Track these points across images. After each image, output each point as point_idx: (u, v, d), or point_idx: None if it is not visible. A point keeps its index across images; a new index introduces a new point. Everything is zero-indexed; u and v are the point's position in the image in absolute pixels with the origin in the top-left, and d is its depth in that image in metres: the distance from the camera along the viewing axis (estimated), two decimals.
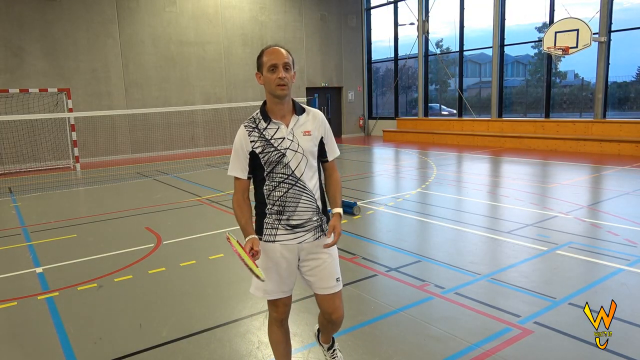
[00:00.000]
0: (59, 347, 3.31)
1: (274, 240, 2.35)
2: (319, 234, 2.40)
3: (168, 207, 7.78)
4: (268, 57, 2.27)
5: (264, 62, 2.28)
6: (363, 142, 18.33)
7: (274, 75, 2.24)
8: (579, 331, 3.20)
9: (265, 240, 2.36)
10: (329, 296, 2.44)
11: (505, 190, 8.34)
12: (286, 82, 2.25)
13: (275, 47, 2.29)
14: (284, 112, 2.35)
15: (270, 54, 2.27)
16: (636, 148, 11.93)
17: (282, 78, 2.23)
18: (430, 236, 5.86)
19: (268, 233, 2.36)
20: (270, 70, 2.25)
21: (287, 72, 2.26)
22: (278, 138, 2.31)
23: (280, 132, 2.32)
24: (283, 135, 2.32)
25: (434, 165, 11.34)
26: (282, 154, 2.30)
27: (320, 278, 2.41)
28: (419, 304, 3.79)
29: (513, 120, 15.58)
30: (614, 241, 5.17)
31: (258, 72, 2.34)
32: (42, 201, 8.83)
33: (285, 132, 2.32)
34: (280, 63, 2.24)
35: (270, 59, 2.25)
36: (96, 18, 14.64)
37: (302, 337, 3.31)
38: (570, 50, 13.00)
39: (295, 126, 2.35)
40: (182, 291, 4.28)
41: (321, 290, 2.43)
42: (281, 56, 2.26)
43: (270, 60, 2.25)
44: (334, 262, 2.45)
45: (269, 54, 2.27)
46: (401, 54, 19.95)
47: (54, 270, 4.91)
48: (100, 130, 14.61)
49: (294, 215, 2.33)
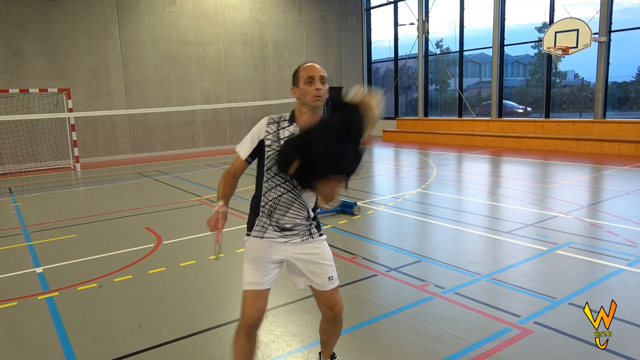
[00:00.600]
0: (59, 347, 3.31)
1: (262, 237, 2.45)
2: (307, 237, 2.48)
3: (168, 207, 7.78)
4: (305, 71, 2.39)
5: (300, 75, 2.40)
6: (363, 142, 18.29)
7: (311, 87, 2.35)
8: (579, 331, 3.20)
9: (254, 235, 2.46)
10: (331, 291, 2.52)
11: (505, 190, 8.34)
12: (322, 94, 2.36)
13: (312, 64, 2.43)
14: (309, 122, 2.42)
15: (307, 69, 2.39)
16: (636, 148, 11.92)
17: (319, 89, 2.35)
18: (430, 236, 5.86)
19: (258, 230, 2.46)
20: (307, 82, 2.35)
21: (323, 85, 2.38)
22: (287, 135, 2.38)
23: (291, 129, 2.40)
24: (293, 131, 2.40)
25: (434, 165, 11.34)
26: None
27: (316, 274, 2.49)
28: (419, 304, 3.79)
29: (513, 120, 15.58)
30: (614, 241, 5.17)
31: (294, 86, 2.45)
32: (42, 201, 8.83)
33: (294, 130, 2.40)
34: (317, 76, 2.36)
35: (307, 72, 2.38)
36: (96, 18, 14.64)
37: (302, 337, 3.31)
38: (570, 50, 12.99)
39: None
40: (182, 291, 4.28)
41: (321, 286, 2.50)
42: (318, 70, 2.39)
43: (307, 73, 2.37)
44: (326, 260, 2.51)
45: (306, 68, 2.40)
46: (401, 54, 19.95)
47: (54, 270, 4.91)
48: (100, 130, 14.61)
49: (283, 219, 2.42)
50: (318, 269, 2.48)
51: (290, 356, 3.09)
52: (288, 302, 3.86)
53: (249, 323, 2.39)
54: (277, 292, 4.00)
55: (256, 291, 2.39)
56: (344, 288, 4.13)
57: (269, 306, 3.78)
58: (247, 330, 2.39)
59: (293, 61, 18.82)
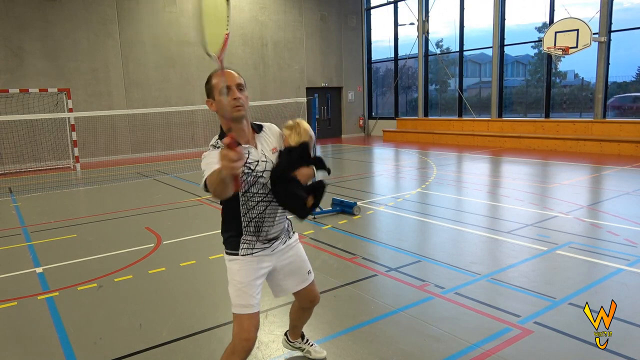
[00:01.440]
0: (59, 347, 3.31)
1: (252, 254, 2.38)
2: (285, 238, 2.52)
3: (168, 207, 7.78)
4: (218, 79, 2.15)
5: (214, 85, 2.17)
6: (363, 142, 18.33)
7: (227, 97, 2.13)
8: (579, 331, 3.20)
9: (243, 254, 2.36)
10: (311, 286, 2.63)
11: (505, 190, 8.34)
12: (242, 103, 2.16)
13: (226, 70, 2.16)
14: (246, 135, 2.26)
15: (221, 77, 2.14)
16: (636, 148, 11.92)
17: (237, 99, 2.14)
18: (430, 236, 5.86)
19: (245, 248, 2.37)
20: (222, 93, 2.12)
21: (241, 93, 2.17)
22: (253, 162, 2.25)
23: (252, 155, 2.26)
24: (257, 158, 2.27)
25: (434, 165, 11.34)
26: (260, 175, 2.27)
27: (297, 274, 2.56)
28: (419, 304, 3.79)
29: (513, 120, 15.58)
30: (614, 241, 5.17)
31: (208, 98, 2.22)
32: (42, 201, 8.83)
33: (257, 155, 2.28)
34: (234, 84, 2.15)
35: (221, 80, 2.13)
36: (96, 18, 14.64)
37: None
38: (570, 50, 12.99)
39: (263, 146, 2.32)
40: (182, 291, 4.28)
41: (301, 285, 2.59)
42: (233, 77, 2.17)
43: (221, 82, 2.13)
44: (304, 258, 2.61)
45: (219, 76, 2.16)
46: (401, 54, 19.96)
47: (54, 270, 4.91)
48: (100, 130, 14.61)
49: (272, 230, 2.39)
50: (298, 268, 2.56)
51: (290, 356, 3.09)
52: (288, 302, 3.85)
53: (249, 347, 2.30)
54: None
55: (253, 314, 2.33)
56: (344, 288, 4.13)
57: (269, 306, 3.80)
58: (245, 355, 2.30)
59: (293, 61, 18.83)
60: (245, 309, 2.30)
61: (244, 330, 2.28)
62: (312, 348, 3.00)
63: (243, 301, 2.31)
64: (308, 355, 3.01)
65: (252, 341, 2.30)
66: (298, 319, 2.87)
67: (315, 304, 2.74)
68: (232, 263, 2.39)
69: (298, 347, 3.03)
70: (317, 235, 5.74)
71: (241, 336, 2.28)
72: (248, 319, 2.30)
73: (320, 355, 2.99)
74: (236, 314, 2.32)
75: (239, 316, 2.31)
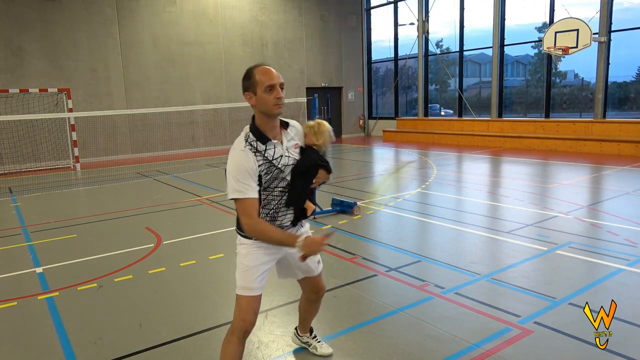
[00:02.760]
0: (59, 347, 3.31)
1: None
2: (298, 227, 2.62)
3: (168, 207, 7.78)
4: (263, 76, 2.27)
5: (257, 81, 2.27)
6: (363, 142, 18.33)
7: (271, 95, 2.26)
8: (579, 331, 3.20)
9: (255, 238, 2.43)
10: (318, 276, 2.76)
11: (505, 190, 8.34)
12: (283, 102, 2.31)
13: (267, 67, 2.30)
14: (276, 130, 2.41)
15: (264, 74, 2.27)
16: (636, 148, 11.92)
17: (280, 98, 2.28)
18: (430, 236, 5.86)
19: None
20: (267, 90, 2.26)
21: (282, 91, 2.31)
22: (278, 157, 2.37)
23: (278, 150, 2.38)
24: (281, 153, 2.39)
25: (434, 165, 11.33)
26: (282, 170, 2.39)
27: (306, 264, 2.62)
28: (419, 304, 3.79)
29: (513, 120, 15.58)
30: (614, 241, 5.17)
31: (249, 92, 2.32)
32: (42, 201, 8.83)
33: (282, 150, 2.40)
34: (278, 83, 2.28)
35: (266, 79, 2.26)
36: (96, 18, 14.64)
37: None
38: (570, 50, 12.99)
39: (288, 142, 2.45)
40: (182, 291, 4.27)
41: (313, 272, 2.70)
42: (276, 77, 2.30)
43: (267, 80, 2.26)
44: None
45: (263, 73, 2.28)
46: (401, 54, 19.96)
47: (54, 270, 4.91)
48: (100, 130, 14.60)
49: (285, 218, 2.50)
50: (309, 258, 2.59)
51: (290, 356, 3.09)
52: (288, 302, 3.86)
53: (245, 328, 2.41)
54: (277, 292, 4.01)
55: (253, 297, 2.43)
56: (344, 288, 4.13)
57: (269, 306, 3.80)
58: (242, 335, 2.42)
59: (293, 61, 18.83)
60: (246, 290, 2.42)
61: (242, 311, 2.41)
62: (319, 344, 3.07)
63: (245, 283, 2.42)
64: (314, 351, 3.05)
65: (249, 322, 2.41)
66: (306, 312, 2.98)
67: (320, 295, 2.85)
68: (242, 247, 2.48)
69: (305, 342, 3.10)
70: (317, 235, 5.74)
71: (239, 316, 2.41)
72: (247, 301, 2.41)
73: (327, 351, 3.04)
74: (237, 294, 2.44)
75: (239, 297, 2.43)
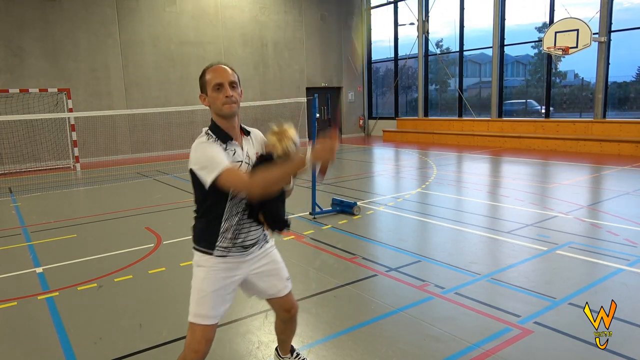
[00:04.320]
0: (59, 347, 3.31)
1: (226, 255, 2.27)
2: (263, 243, 2.42)
3: (168, 207, 7.78)
4: (210, 75, 2.16)
5: (207, 81, 2.17)
6: (363, 142, 18.33)
7: (220, 94, 2.14)
8: (579, 331, 3.20)
9: (216, 255, 2.25)
10: (287, 295, 2.51)
11: (505, 190, 8.34)
12: (235, 100, 2.16)
13: (219, 65, 2.19)
14: (235, 133, 2.24)
15: (214, 72, 2.17)
16: (636, 148, 11.92)
17: (229, 96, 2.14)
18: (430, 236, 5.86)
19: (221, 250, 2.26)
20: (215, 89, 2.14)
21: (234, 90, 2.17)
22: (238, 161, 2.19)
23: (238, 154, 2.21)
24: (241, 158, 2.21)
25: (434, 165, 11.33)
26: None
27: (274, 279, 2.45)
28: (419, 304, 3.79)
29: (513, 120, 15.58)
30: (614, 241, 5.17)
31: (202, 93, 2.22)
32: (42, 201, 8.83)
33: (242, 155, 2.22)
34: (226, 82, 2.15)
35: (214, 77, 2.15)
36: (96, 18, 14.63)
37: (302, 337, 3.31)
38: (570, 50, 12.99)
39: (248, 148, 2.28)
40: (182, 291, 4.25)
41: (279, 292, 2.48)
42: (227, 74, 2.16)
43: (214, 78, 2.15)
44: (280, 265, 2.50)
45: (211, 72, 2.17)
46: (401, 54, 19.95)
47: (54, 270, 4.91)
48: (100, 130, 14.60)
49: (249, 236, 2.30)
50: (275, 276, 2.46)
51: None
52: None
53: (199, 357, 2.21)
54: None
55: (209, 326, 2.23)
56: (344, 288, 4.13)
57: (269, 307, 3.78)
58: None
59: (293, 61, 18.83)
60: (200, 318, 2.22)
61: (195, 341, 2.20)
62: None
63: (200, 310, 2.23)
64: None
65: (201, 354, 2.21)
66: (282, 333, 2.75)
67: (294, 314, 2.60)
68: (199, 270, 2.27)
69: None
70: (317, 235, 5.74)
71: (191, 347, 2.21)
72: (201, 331, 2.21)
73: None
74: (190, 322, 2.24)
75: (192, 325, 2.23)
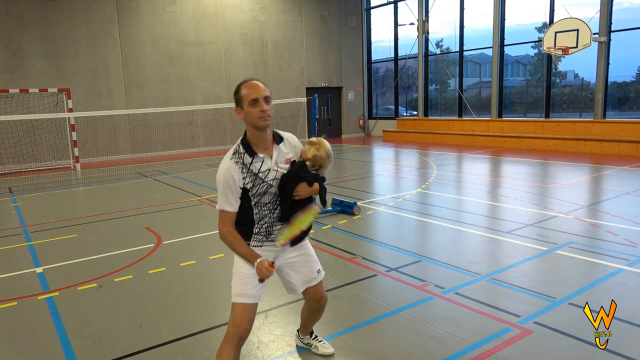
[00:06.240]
0: (59, 347, 3.31)
1: (262, 246, 2.51)
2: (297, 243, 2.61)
3: (168, 207, 7.78)
4: (247, 91, 2.33)
5: (243, 96, 2.34)
6: (363, 142, 18.33)
7: (255, 108, 2.31)
8: (579, 331, 3.20)
9: (252, 245, 2.49)
10: (317, 286, 2.72)
11: (505, 190, 8.34)
12: (269, 114, 2.34)
13: (254, 82, 2.36)
14: (266, 143, 2.44)
15: (250, 88, 2.33)
16: (636, 148, 11.92)
17: (264, 111, 2.31)
18: (430, 236, 5.86)
19: (255, 245, 2.51)
20: (251, 104, 2.31)
21: (268, 104, 2.34)
22: (265, 170, 2.41)
23: (266, 164, 2.41)
24: (269, 167, 2.42)
25: (434, 165, 11.33)
26: (270, 184, 2.42)
27: (305, 272, 2.66)
28: (419, 304, 3.79)
29: (513, 120, 15.58)
30: (614, 241, 5.17)
31: (237, 107, 2.39)
32: (42, 201, 8.83)
33: (270, 164, 2.43)
34: (261, 97, 2.32)
35: (250, 92, 2.32)
36: (96, 18, 14.64)
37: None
38: (570, 50, 12.99)
39: (278, 156, 2.47)
40: (182, 291, 4.27)
41: (309, 283, 2.68)
42: (261, 90, 2.33)
43: (250, 94, 2.31)
44: (313, 258, 2.70)
45: (247, 88, 2.34)
46: (401, 54, 19.95)
47: (54, 270, 4.91)
48: (100, 130, 14.60)
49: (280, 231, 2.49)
50: (307, 267, 2.66)
51: (290, 356, 3.09)
52: (288, 302, 3.86)
53: (240, 333, 2.41)
54: (277, 293, 4.00)
55: (248, 304, 2.44)
56: (344, 288, 4.13)
57: (269, 306, 3.80)
58: (237, 342, 2.41)
59: (293, 61, 18.83)
60: (240, 297, 2.45)
61: (236, 317, 2.43)
62: (320, 344, 3.09)
63: (241, 290, 2.45)
64: (315, 351, 3.07)
65: (243, 328, 2.41)
66: (307, 319, 3.00)
67: (322, 304, 2.82)
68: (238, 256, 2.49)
69: (307, 343, 3.13)
70: (317, 235, 5.74)
71: (233, 322, 2.43)
72: (241, 308, 2.43)
73: (327, 351, 3.06)
74: (233, 302, 2.47)
75: (234, 305, 2.46)
